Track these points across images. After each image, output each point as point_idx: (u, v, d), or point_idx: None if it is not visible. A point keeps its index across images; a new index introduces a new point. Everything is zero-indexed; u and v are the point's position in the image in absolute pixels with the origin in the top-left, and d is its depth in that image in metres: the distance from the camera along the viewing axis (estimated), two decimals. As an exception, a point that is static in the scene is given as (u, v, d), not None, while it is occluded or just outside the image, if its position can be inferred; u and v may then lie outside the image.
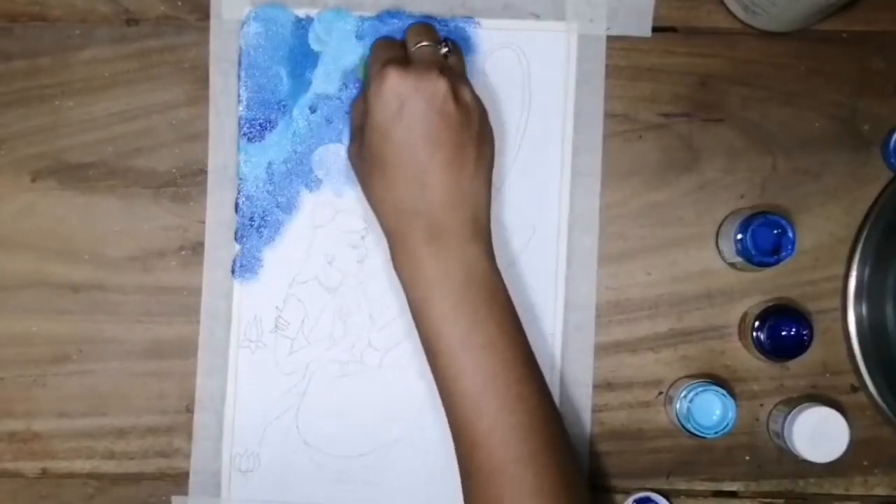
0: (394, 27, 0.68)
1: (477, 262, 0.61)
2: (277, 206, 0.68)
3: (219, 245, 0.68)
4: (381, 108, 0.60)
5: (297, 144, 0.68)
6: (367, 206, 0.67)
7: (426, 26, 0.65)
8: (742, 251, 0.65)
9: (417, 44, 0.63)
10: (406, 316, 0.68)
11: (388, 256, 0.67)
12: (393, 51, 0.64)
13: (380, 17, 0.68)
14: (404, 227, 0.61)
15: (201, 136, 0.68)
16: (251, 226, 0.68)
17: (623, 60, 0.68)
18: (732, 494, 0.68)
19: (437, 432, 0.67)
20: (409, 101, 0.60)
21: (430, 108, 0.60)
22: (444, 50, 0.63)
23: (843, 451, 0.64)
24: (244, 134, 0.68)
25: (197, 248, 0.68)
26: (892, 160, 0.68)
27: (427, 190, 0.60)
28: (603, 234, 0.68)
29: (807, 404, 0.65)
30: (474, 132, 0.61)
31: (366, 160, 0.62)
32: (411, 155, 0.60)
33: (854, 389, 0.68)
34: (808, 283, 0.68)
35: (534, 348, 0.67)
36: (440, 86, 0.60)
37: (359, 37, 0.68)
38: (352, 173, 0.68)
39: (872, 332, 0.67)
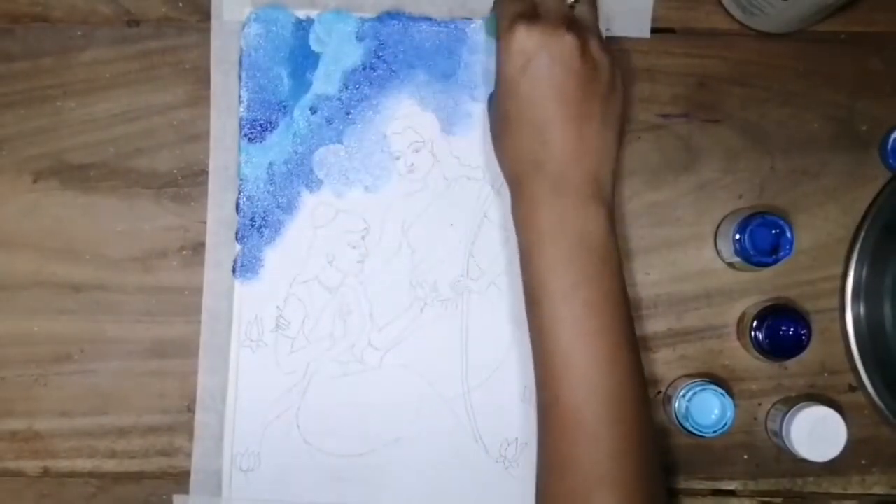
0: (394, 28, 0.68)
1: (593, 222, 0.60)
2: (278, 207, 0.68)
3: (220, 245, 0.68)
4: (509, 63, 0.60)
5: (297, 145, 0.68)
6: (368, 207, 0.68)
7: None
8: (740, 251, 0.65)
9: None
10: (406, 315, 0.68)
11: (389, 256, 0.68)
12: (521, 4, 0.62)
13: (380, 18, 0.68)
14: (526, 177, 0.61)
15: (202, 137, 0.68)
16: (252, 226, 0.68)
17: (622, 61, 0.69)
18: (731, 493, 0.69)
19: (437, 432, 0.68)
20: (535, 57, 0.59)
21: (556, 65, 0.59)
22: (572, 1, 0.62)
23: (841, 451, 0.64)
24: (245, 135, 0.68)
25: (198, 248, 0.68)
26: (890, 160, 0.68)
27: (550, 144, 0.60)
28: (602, 234, 0.68)
29: (805, 403, 0.66)
30: (602, 87, 0.60)
31: (496, 111, 0.63)
32: (536, 110, 0.60)
33: (852, 389, 0.68)
34: (807, 282, 0.68)
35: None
36: (567, 42, 0.59)
37: (359, 38, 0.68)
38: (352, 174, 0.68)
39: (870, 332, 0.67)
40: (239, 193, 0.68)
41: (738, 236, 0.65)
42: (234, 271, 0.68)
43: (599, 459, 0.57)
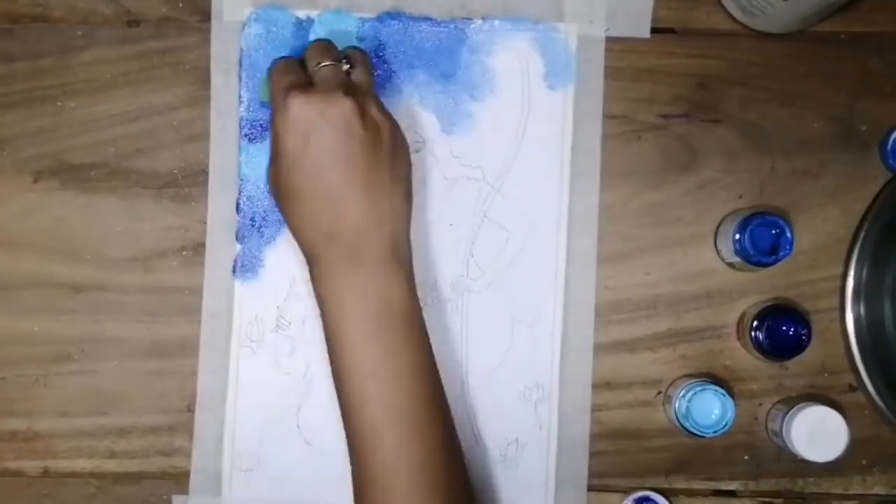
0: (394, 28, 0.68)
1: (394, 289, 0.59)
2: (278, 207, 0.68)
3: (220, 245, 0.68)
4: (289, 135, 0.59)
5: (297, 145, 0.68)
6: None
7: (325, 45, 0.63)
8: (740, 251, 0.65)
9: (318, 64, 0.61)
10: (406, 316, 0.68)
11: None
12: (294, 74, 0.61)
13: (380, 19, 0.68)
14: (321, 250, 0.60)
15: (202, 137, 0.68)
16: (252, 226, 0.68)
17: (622, 61, 0.69)
18: (731, 494, 0.69)
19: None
20: (316, 127, 0.58)
21: (338, 132, 0.58)
22: (346, 67, 0.62)
23: (842, 451, 0.64)
24: (245, 135, 0.68)
25: (198, 249, 0.68)
26: (890, 161, 0.68)
27: (342, 214, 0.59)
28: (602, 234, 0.68)
29: (805, 404, 0.65)
30: (386, 150, 0.60)
31: (280, 185, 0.61)
32: (324, 180, 0.59)
33: (852, 389, 0.68)
34: (807, 282, 0.68)
35: (533, 348, 0.67)
36: (345, 107, 0.58)
37: (359, 38, 0.68)
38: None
39: (870, 332, 0.67)
40: (239, 193, 0.68)
41: (738, 236, 0.65)
42: (234, 271, 0.68)
43: None
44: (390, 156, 0.60)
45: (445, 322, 0.68)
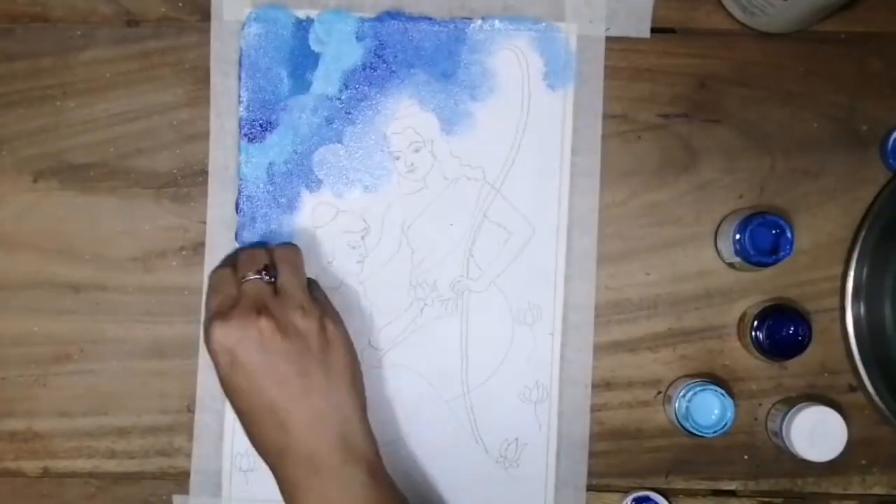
0: (394, 28, 0.68)
1: (355, 488, 0.59)
2: (278, 207, 0.68)
3: (219, 245, 0.68)
4: (217, 363, 0.60)
5: (297, 145, 0.68)
6: (367, 207, 0.68)
7: (251, 253, 0.64)
8: (741, 251, 0.65)
9: (243, 278, 0.62)
10: (406, 315, 0.68)
11: (389, 256, 0.68)
12: (221, 293, 0.62)
13: (380, 18, 0.68)
14: (278, 465, 0.60)
15: (202, 137, 0.68)
16: (252, 226, 0.68)
17: (622, 61, 0.69)
18: (731, 493, 0.69)
19: (437, 432, 0.68)
20: (238, 351, 0.59)
21: (259, 352, 0.59)
22: (267, 279, 0.62)
23: (842, 451, 0.64)
24: (245, 135, 0.68)
25: (198, 249, 0.68)
26: (891, 161, 0.68)
27: (286, 427, 0.59)
28: (602, 234, 0.68)
29: (805, 404, 0.66)
30: (316, 351, 0.60)
31: (234, 408, 0.62)
32: (258, 398, 0.59)
33: (852, 389, 0.68)
34: (807, 282, 0.68)
35: (534, 348, 0.67)
36: (262, 327, 0.59)
37: (359, 38, 0.68)
38: (352, 174, 0.68)
39: (870, 332, 0.67)
40: (239, 193, 0.68)
41: (738, 236, 0.65)
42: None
43: None
44: (321, 356, 0.60)
45: (445, 322, 0.68)
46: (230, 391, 0.61)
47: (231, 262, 0.65)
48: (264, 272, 0.62)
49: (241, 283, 0.62)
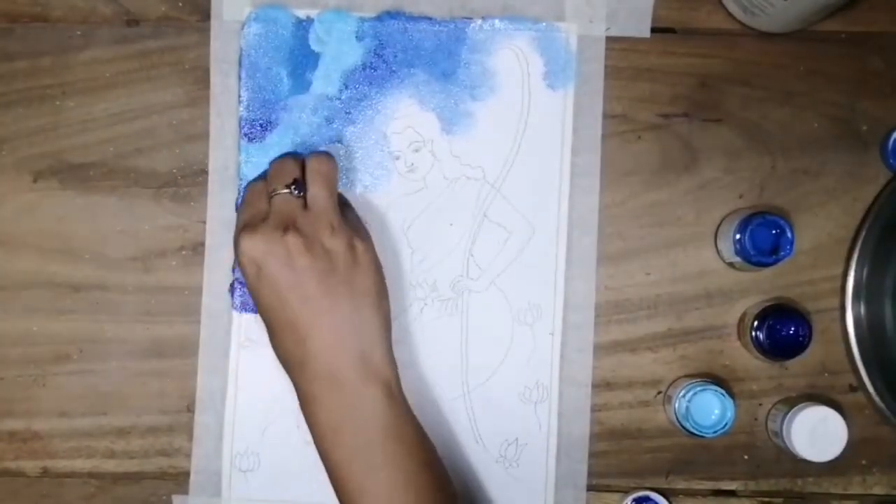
0: (394, 28, 0.68)
1: (373, 406, 0.60)
2: (278, 207, 0.68)
3: (219, 245, 0.68)
4: (245, 273, 0.61)
5: (297, 145, 0.68)
6: (367, 206, 0.68)
7: (282, 164, 0.64)
8: (741, 251, 0.65)
9: (272, 192, 0.62)
10: (406, 315, 0.68)
11: (389, 256, 0.68)
12: (253, 207, 0.63)
13: (380, 18, 0.68)
14: (297, 378, 0.61)
15: (202, 137, 0.68)
16: (251, 226, 0.68)
17: (622, 61, 0.69)
18: (731, 494, 0.69)
19: (437, 432, 0.67)
20: (264, 264, 0.60)
21: (284, 268, 0.59)
22: (296, 193, 0.62)
23: (842, 451, 0.64)
24: (245, 134, 0.68)
25: (197, 248, 0.68)
26: (891, 160, 0.68)
27: (307, 341, 0.60)
28: (602, 234, 0.68)
29: (805, 404, 0.65)
30: (343, 271, 0.60)
31: (260, 316, 0.62)
32: (282, 313, 0.60)
33: (852, 389, 0.68)
34: (807, 282, 0.68)
35: (534, 348, 0.67)
36: (288, 243, 0.59)
37: (359, 37, 0.68)
38: (352, 174, 0.68)
39: (871, 332, 0.67)
40: (239, 193, 0.68)
41: (738, 236, 0.65)
42: (233, 271, 0.68)
43: None
44: (346, 277, 0.60)
45: (445, 322, 0.68)
46: (256, 301, 0.61)
47: (266, 174, 0.65)
48: (293, 186, 0.62)
49: (271, 196, 0.62)
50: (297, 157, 0.65)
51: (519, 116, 0.68)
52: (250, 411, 0.68)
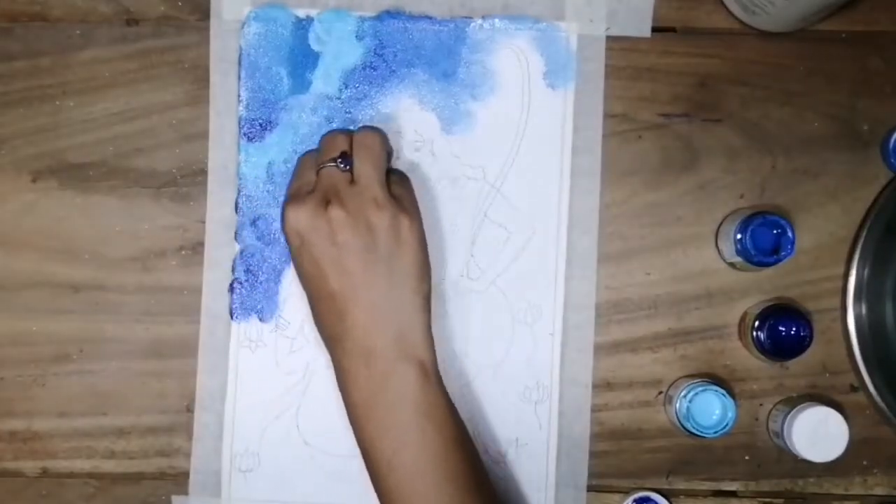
0: (394, 27, 0.68)
1: (406, 384, 0.60)
2: (277, 206, 0.68)
3: (219, 244, 0.68)
4: (289, 243, 0.61)
5: (297, 144, 0.68)
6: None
7: (331, 138, 0.64)
8: (741, 251, 0.65)
9: (320, 165, 0.62)
10: (406, 315, 0.68)
11: (389, 256, 0.68)
12: (301, 178, 0.63)
13: (380, 17, 0.68)
14: (333, 350, 0.61)
15: (201, 136, 0.68)
16: (252, 226, 0.68)
17: (622, 61, 0.68)
18: (732, 494, 0.68)
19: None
20: (307, 237, 0.60)
21: (325, 243, 0.60)
22: (342, 166, 0.62)
23: (843, 451, 0.64)
24: (244, 134, 0.68)
25: (197, 248, 0.68)
26: (892, 160, 0.68)
27: (344, 316, 0.60)
28: (602, 234, 0.68)
29: (806, 404, 0.65)
30: (383, 249, 0.60)
31: (302, 285, 0.63)
32: (322, 285, 0.60)
33: (853, 389, 0.68)
34: (808, 282, 0.68)
35: (534, 348, 0.67)
36: (331, 219, 0.59)
37: (359, 37, 0.68)
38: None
39: (872, 332, 0.67)
40: (238, 193, 0.68)
41: (739, 236, 0.65)
42: (233, 271, 0.68)
43: None
44: (387, 255, 0.60)
45: (446, 322, 0.68)
46: (298, 271, 0.62)
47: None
48: (340, 160, 0.62)
49: (319, 169, 0.62)
50: (348, 132, 0.65)
51: (519, 116, 0.68)
52: (250, 411, 0.68)
